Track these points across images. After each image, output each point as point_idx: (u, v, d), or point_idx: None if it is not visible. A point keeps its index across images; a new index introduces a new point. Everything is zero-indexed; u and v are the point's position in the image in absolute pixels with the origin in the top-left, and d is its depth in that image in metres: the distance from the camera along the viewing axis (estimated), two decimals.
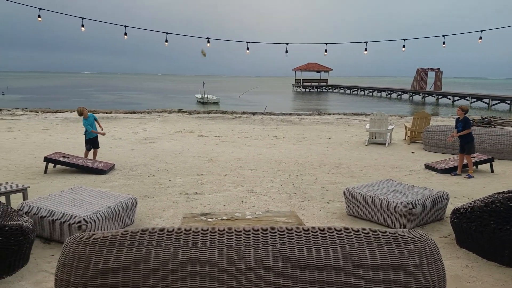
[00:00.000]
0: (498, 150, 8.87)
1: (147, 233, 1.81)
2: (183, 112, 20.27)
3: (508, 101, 32.49)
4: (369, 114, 12.74)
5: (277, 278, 1.72)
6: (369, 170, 7.72)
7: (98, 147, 7.97)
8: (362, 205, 4.74)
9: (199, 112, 20.43)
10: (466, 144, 7.31)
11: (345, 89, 59.30)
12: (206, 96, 34.35)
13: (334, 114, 21.40)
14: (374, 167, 8.00)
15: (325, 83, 62.64)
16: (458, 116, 7.50)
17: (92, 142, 7.82)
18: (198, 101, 35.84)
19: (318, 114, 21.36)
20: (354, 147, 10.43)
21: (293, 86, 65.02)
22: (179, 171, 7.35)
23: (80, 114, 7.69)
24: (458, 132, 7.39)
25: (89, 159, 7.42)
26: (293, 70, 61.93)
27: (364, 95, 52.12)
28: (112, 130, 12.78)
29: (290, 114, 21.25)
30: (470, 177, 7.20)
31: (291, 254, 1.79)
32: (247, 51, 11.58)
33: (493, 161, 7.76)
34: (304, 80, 62.47)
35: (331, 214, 5.03)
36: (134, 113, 19.07)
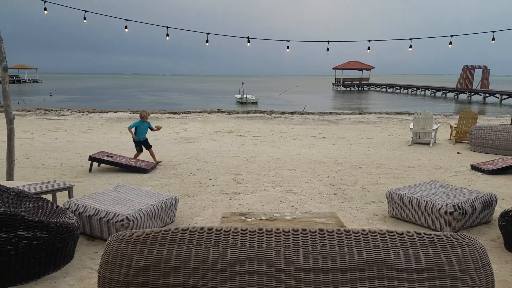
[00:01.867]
0: None
1: (187, 232, 1.87)
2: (222, 112, 20.59)
3: None
4: (412, 113, 12.31)
5: (317, 281, 1.73)
6: (412, 170, 7.47)
7: (151, 146, 8.17)
8: (406, 206, 4.60)
9: (238, 112, 20.67)
10: None
11: (387, 87, 57.58)
12: (245, 96, 34.63)
13: (375, 113, 20.84)
14: (417, 167, 7.73)
15: (366, 82, 61.14)
16: None
17: (141, 145, 8.07)
18: (237, 101, 36.23)
19: (359, 113, 20.89)
20: (397, 147, 10.12)
21: (333, 85, 64.05)
22: (218, 170, 7.48)
23: (142, 117, 7.99)
24: None
25: (132, 159, 7.68)
26: (333, 68, 60.98)
27: (407, 93, 50.37)
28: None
29: (330, 113, 20.96)
30: None
31: (332, 257, 1.79)
32: (288, 50, 11.55)
33: None
34: (344, 79, 61.36)
35: (372, 216, 4.92)
36: (175, 113, 19.64)
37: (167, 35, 10.96)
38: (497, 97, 37.26)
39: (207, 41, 11.03)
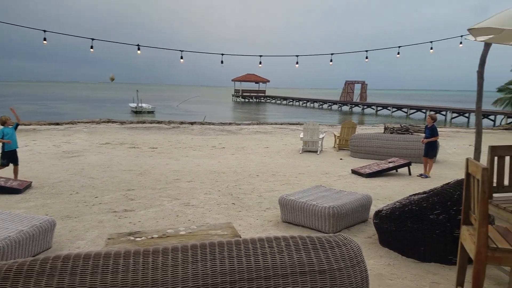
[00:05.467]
0: (415, 155, 9.71)
1: (59, 260, 1.69)
2: (113, 122, 19.33)
3: (424, 110, 35.95)
4: (303, 124, 13.29)
5: None
6: (303, 176, 8.01)
7: (18, 164, 7.24)
8: (296, 211, 4.90)
9: (131, 122, 19.64)
10: (430, 149, 8.15)
11: (281, 99, 61.40)
12: (140, 105, 33.18)
13: (272, 124, 21.93)
14: (307, 173, 8.32)
15: (263, 94, 64.24)
16: (427, 124, 8.32)
17: (10, 156, 7.07)
18: (132, 110, 34.50)
19: (257, 124, 21.74)
20: (290, 155, 10.76)
21: (232, 96, 65.62)
22: (107, 186, 6.95)
23: (3, 123, 6.98)
24: (426, 137, 8.20)
25: (2, 177, 6.65)
26: (232, 80, 62.54)
27: (299, 105, 54.38)
28: (31, 144, 11.72)
29: (230, 123, 21.33)
30: (426, 177, 8.08)
31: (222, 270, 1.79)
32: (181, 60, 11.48)
33: (411, 164, 8.49)
34: (243, 91, 63.45)
35: (267, 222, 5.12)
36: (57, 124, 17.79)
37: (44, 39, 9.98)
38: (373, 109, 42.62)
39: (91, 47, 10.33)
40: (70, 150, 10.81)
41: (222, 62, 11.84)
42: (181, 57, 11.39)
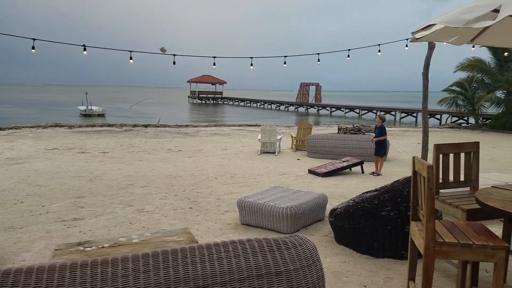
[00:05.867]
0: (367, 154, 10.10)
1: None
2: (61, 126, 18.34)
3: (374, 111, 37.57)
4: (260, 125, 13.38)
5: None
6: (261, 178, 8.04)
7: None
8: (254, 213, 4.89)
9: (81, 126, 18.73)
10: (379, 148, 8.46)
11: (239, 101, 61.34)
12: (90, 107, 31.81)
13: (229, 126, 21.85)
14: (265, 175, 8.37)
15: (220, 95, 63.85)
16: (376, 124, 8.65)
17: None
18: (81, 113, 32.99)
19: (215, 126, 21.55)
20: (248, 157, 10.78)
21: (188, 97, 64.69)
22: (55, 194, 6.56)
23: None
24: (376, 137, 8.54)
25: None
26: (188, 81, 61.62)
27: (256, 107, 54.69)
28: None
29: (186, 126, 20.97)
30: (378, 175, 8.42)
31: (176, 278, 1.73)
32: (131, 61, 11.13)
33: (363, 163, 8.82)
34: (199, 92, 62.72)
35: (226, 226, 5.07)
36: (0, 129, 16.62)
37: None
38: (328, 110, 43.86)
39: (33, 48, 9.72)
40: (14, 157, 10.10)
41: (174, 63, 11.63)
42: (130, 58, 11.05)
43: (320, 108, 45.44)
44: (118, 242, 3.13)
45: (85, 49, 10.45)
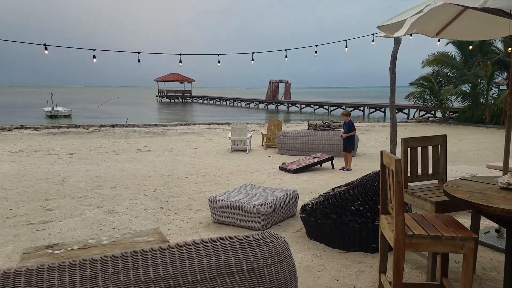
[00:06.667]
0: (336, 149, 10.31)
1: None
2: (26, 128, 17.68)
3: (343, 107, 38.31)
4: (230, 123, 13.36)
5: None
6: (233, 176, 8.03)
7: None
8: (226, 211, 4.89)
9: (46, 128, 18.13)
10: (348, 144, 8.62)
11: (208, 99, 60.86)
12: (55, 108, 30.71)
13: (199, 124, 21.67)
14: (237, 173, 8.37)
15: (189, 94, 63.05)
16: (344, 120, 8.74)
17: None
18: (47, 115, 31.80)
19: (184, 125, 21.32)
20: (219, 155, 10.74)
21: (157, 96, 63.52)
22: (22, 197, 6.34)
23: None
24: (345, 133, 8.65)
25: None
26: (155, 80, 60.45)
27: (226, 105, 54.45)
28: None
29: (155, 125, 20.63)
30: (348, 170, 8.56)
31: (146, 279, 1.71)
32: (94, 59, 10.82)
33: (333, 159, 8.99)
34: (168, 91, 61.67)
35: (197, 225, 5.03)
36: None
37: None
38: (298, 107, 44.31)
39: None
40: None
41: (139, 61, 11.40)
42: (94, 56, 10.74)
43: (289, 105, 45.84)
44: (87, 244, 3.05)
45: (46, 48, 10.06)
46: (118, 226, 4.98)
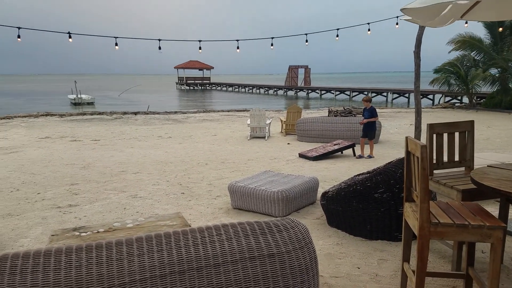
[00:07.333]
0: (358, 136, 10.13)
1: None
2: (52, 115, 18.19)
3: (366, 92, 37.51)
4: (249, 110, 13.33)
5: None
6: (252, 163, 8.06)
7: None
8: (245, 197, 4.92)
9: (71, 115, 18.60)
10: (369, 130, 8.41)
11: (227, 86, 60.79)
12: (79, 96, 31.44)
13: (218, 111, 21.74)
14: (256, 159, 8.38)
15: (208, 81, 63.18)
16: (365, 106, 8.52)
17: None
18: (71, 102, 32.62)
19: (203, 112, 21.44)
20: (238, 142, 10.77)
21: (176, 84, 63.97)
22: (49, 182, 6.57)
23: None
24: (366, 119, 8.45)
25: None
26: (174, 67, 60.81)
27: (245, 92, 54.31)
28: None
29: (175, 112, 20.84)
30: (371, 157, 8.39)
31: (170, 260, 1.74)
32: (116, 47, 10.95)
33: (355, 146, 8.86)
34: (187, 78, 61.99)
35: (217, 210, 5.10)
36: None
37: None
38: (318, 93, 43.72)
39: (18, 37, 9.53)
40: (7, 146, 10.05)
41: (160, 48, 11.47)
42: (116, 44, 10.86)
43: (309, 91, 45.22)
44: (112, 227, 3.13)
45: (70, 37, 10.24)
46: (142, 210, 5.10)
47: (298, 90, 46.79)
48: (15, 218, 4.84)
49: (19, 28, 9.45)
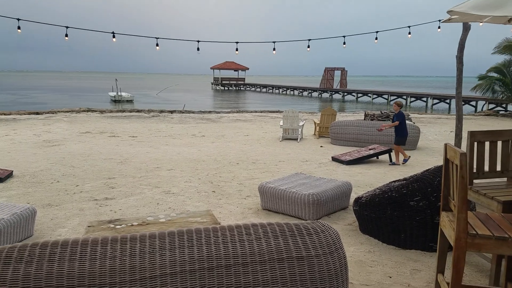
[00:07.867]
0: None
1: (37, 248, 1.64)
2: (93, 111, 18.97)
3: (404, 97, 36.36)
4: (282, 112, 13.29)
5: (184, 283, 1.69)
6: (283, 164, 8.03)
7: None
8: (275, 199, 4.91)
9: (111, 111, 19.33)
10: (399, 136, 8.21)
11: (261, 87, 61.05)
12: (119, 93, 32.59)
13: (251, 112, 21.85)
14: (287, 161, 8.35)
15: (242, 82, 63.71)
16: (395, 111, 8.35)
17: None
18: (111, 99, 33.91)
19: (237, 112, 21.62)
20: (270, 143, 10.77)
21: (212, 84, 64.96)
22: (88, 175, 6.86)
23: None
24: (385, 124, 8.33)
25: None
26: (211, 68, 61.78)
27: (279, 93, 54.28)
28: (11, 133, 11.50)
29: (210, 112, 21.15)
30: (406, 161, 8.24)
31: (199, 256, 1.77)
32: (157, 47, 11.28)
33: (392, 151, 8.60)
34: (222, 79, 62.79)
35: (247, 210, 5.12)
36: (37, 113, 17.34)
37: (19, 28, 9.63)
38: (354, 95, 42.93)
39: (66, 35, 10.04)
40: (50, 139, 10.60)
41: (198, 49, 11.69)
42: (157, 44, 11.19)
43: (345, 93, 44.46)
44: (146, 221, 3.23)
45: (114, 36, 10.66)
46: (174, 206, 5.22)
47: (333, 93, 46.15)
48: (54, 209, 5.09)
49: (67, 27, 9.96)
